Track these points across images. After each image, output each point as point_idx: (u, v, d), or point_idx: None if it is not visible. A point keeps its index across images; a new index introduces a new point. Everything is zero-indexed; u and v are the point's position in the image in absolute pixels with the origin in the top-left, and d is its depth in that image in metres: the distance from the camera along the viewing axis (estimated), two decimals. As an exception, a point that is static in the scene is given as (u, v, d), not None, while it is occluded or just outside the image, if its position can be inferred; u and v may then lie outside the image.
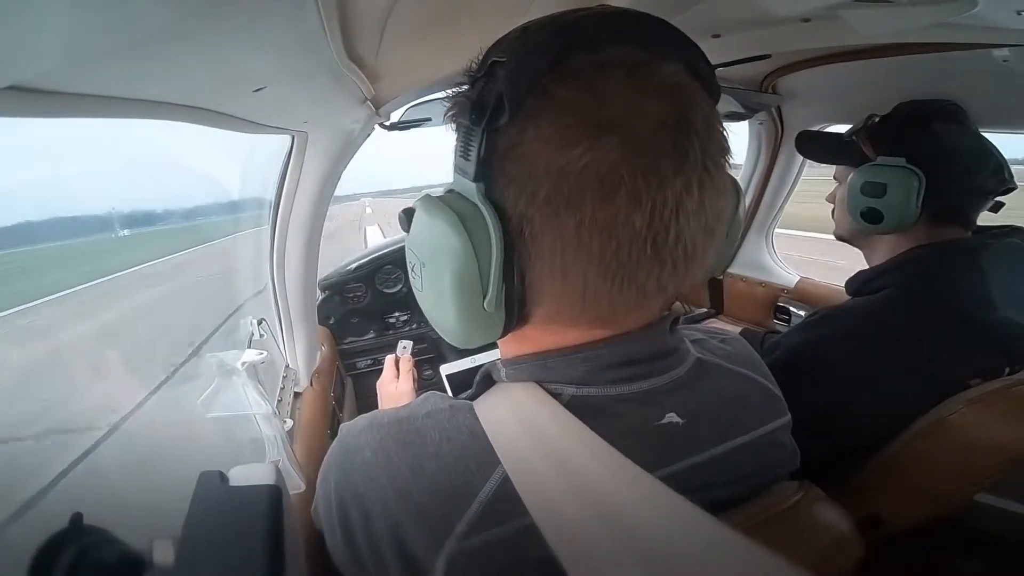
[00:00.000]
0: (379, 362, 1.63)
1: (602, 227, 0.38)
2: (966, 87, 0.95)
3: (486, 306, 0.42)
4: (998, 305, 0.81)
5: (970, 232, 0.92)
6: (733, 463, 0.49)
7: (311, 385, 1.18)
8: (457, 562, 0.40)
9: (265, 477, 0.33)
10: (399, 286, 1.72)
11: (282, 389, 1.07)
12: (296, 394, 1.13)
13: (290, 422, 0.98)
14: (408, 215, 0.48)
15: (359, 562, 0.45)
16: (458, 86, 0.44)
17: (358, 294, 1.69)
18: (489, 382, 0.51)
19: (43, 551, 0.24)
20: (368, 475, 0.45)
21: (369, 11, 0.57)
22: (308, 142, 0.92)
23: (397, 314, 1.75)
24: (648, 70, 0.39)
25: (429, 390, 0.54)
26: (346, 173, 1.05)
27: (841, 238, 1.05)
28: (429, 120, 1.07)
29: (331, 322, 1.66)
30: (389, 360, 0.96)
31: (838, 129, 1.08)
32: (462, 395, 0.52)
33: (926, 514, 0.79)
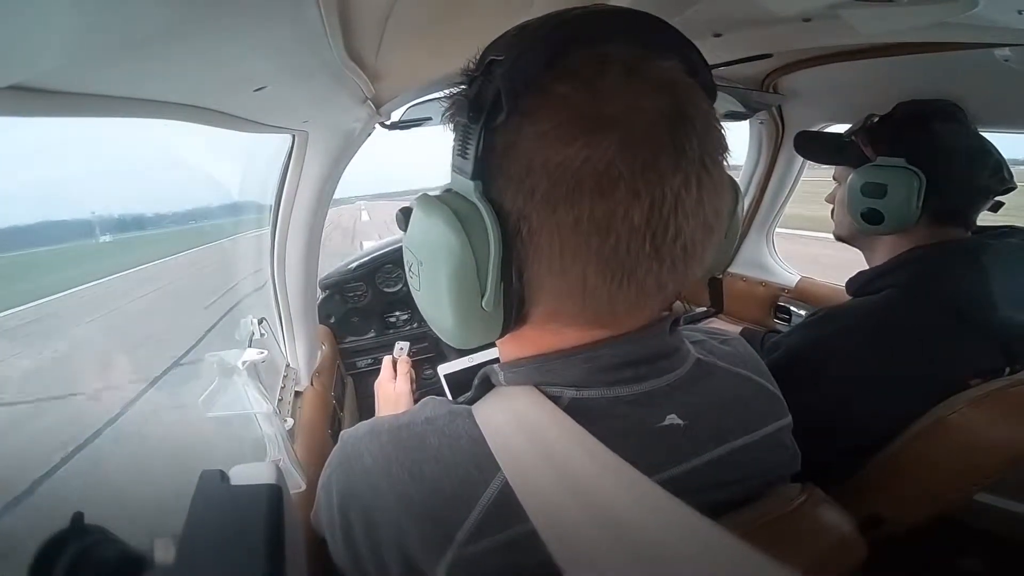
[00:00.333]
0: (379, 361, 1.63)
1: (600, 224, 0.38)
2: (967, 87, 0.94)
3: (484, 305, 0.41)
4: (998, 305, 0.81)
5: (970, 232, 0.92)
6: (734, 465, 0.49)
7: (311, 384, 1.18)
8: (458, 569, 0.40)
9: (266, 476, 0.33)
10: (399, 285, 1.72)
11: (283, 388, 1.07)
12: (297, 393, 1.13)
13: (291, 421, 0.99)
14: (406, 214, 0.48)
15: (361, 567, 0.45)
16: (457, 85, 0.44)
17: (359, 293, 1.69)
18: (488, 386, 0.50)
19: (44, 550, 0.24)
20: (369, 482, 0.44)
21: (370, 10, 0.57)
22: (309, 141, 0.92)
23: (397, 313, 1.75)
24: (645, 67, 0.39)
25: (428, 390, 0.53)
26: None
27: (841, 238, 1.05)
28: (430, 119, 1.06)
29: (332, 321, 1.66)
30: (387, 361, 0.96)
31: (839, 129, 1.08)
32: (460, 398, 0.51)
33: (927, 514, 0.78)
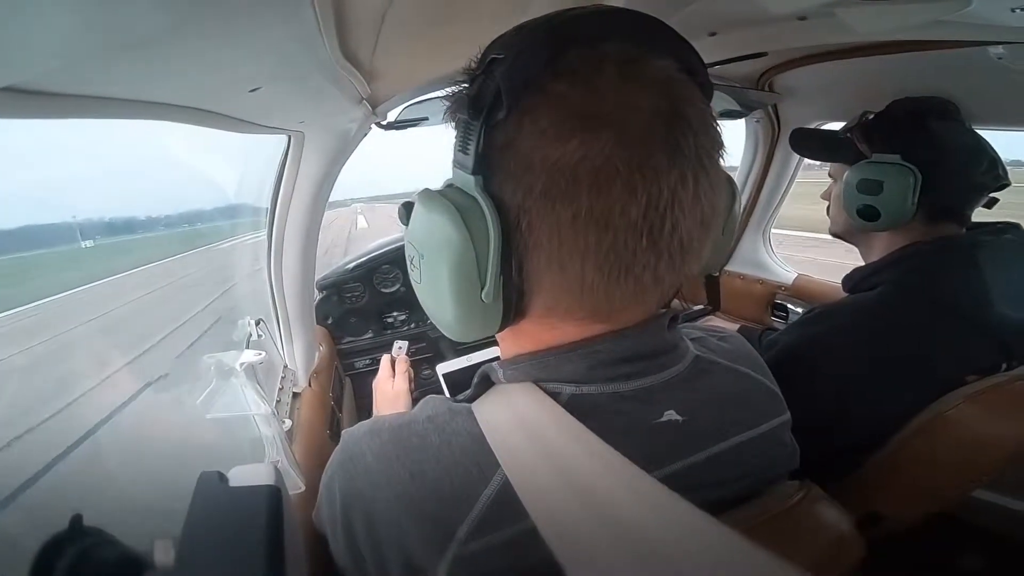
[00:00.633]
0: (377, 362, 1.63)
1: (598, 219, 0.38)
2: (961, 84, 0.95)
3: (484, 298, 0.42)
4: (994, 301, 0.81)
5: (965, 228, 0.92)
6: (732, 461, 0.49)
7: (309, 385, 1.18)
8: (459, 566, 0.40)
9: (264, 477, 0.34)
10: (397, 285, 1.72)
11: (280, 390, 1.07)
12: (295, 394, 1.13)
13: (289, 422, 0.98)
14: (408, 208, 0.48)
15: (361, 566, 0.45)
16: (456, 84, 0.45)
17: (356, 294, 1.69)
18: (487, 383, 0.51)
19: (43, 552, 0.24)
20: (370, 481, 0.45)
21: (365, 11, 0.57)
22: (304, 142, 0.92)
23: (395, 314, 1.75)
24: (642, 66, 0.39)
25: (426, 389, 0.54)
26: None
27: (837, 235, 1.05)
28: (426, 119, 1.06)
29: (329, 322, 1.66)
30: (385, 359, 0.96)
31: (834, 126, 1.08)
32: (460, 396, 0.52)
33: (925, 511, 0.79)
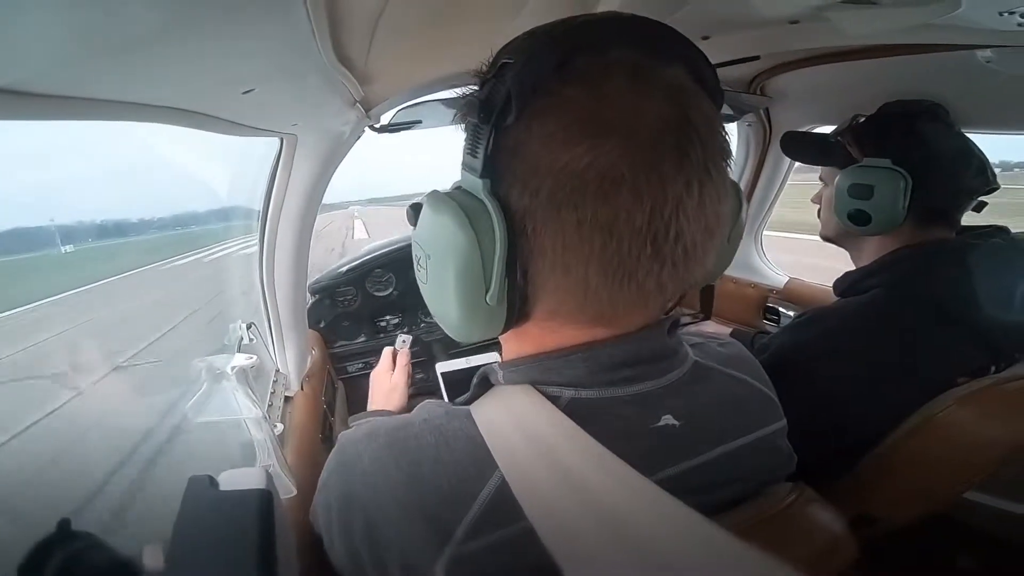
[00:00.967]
0: (370, 365, 1.62)
1: (603, 225, 0.39)
2: (950, 88, 0.96)
3: (488, 300, 0.42)
4: (983, 305, 0.81)
5: (955, 232, 0.93)
6: (729, 466, 0.49)
7: (302, 389, 1.17)
8: (456, 567, 0.40)
9: (256, 482, 0.33)
10: (390, 289, 1.71)
11: (272, 394, 1.06)
12: (287, 398, 1.12)
13: (281, 426, 0.98)
14: (416, 209, 0.49)
15: (359, 568, 0.45)
16: (453, 88, 0.45)
17: (349, 297, 1.68)
18: (486, 385, 0.51)
19: (31, 557, 0.23)
20: (367, 483, 0.45)
21: (359, 13, 0.57)
22: (297, 145, 0.92)
23: (388, 317, 1.74)
24: (651, 72, 0.40)
25: (420, 391, 0.54)
26: (334, 180, 1.05)
27: (827, 239, 1.06)
28: (420, 122, 1.06)
29: (322, 326, 1.65)
30: (386, 352, 0.95)
31: (827, 130, 1.09)
32: (459, 399, 0.52)
33: (918, 512, 0.79)
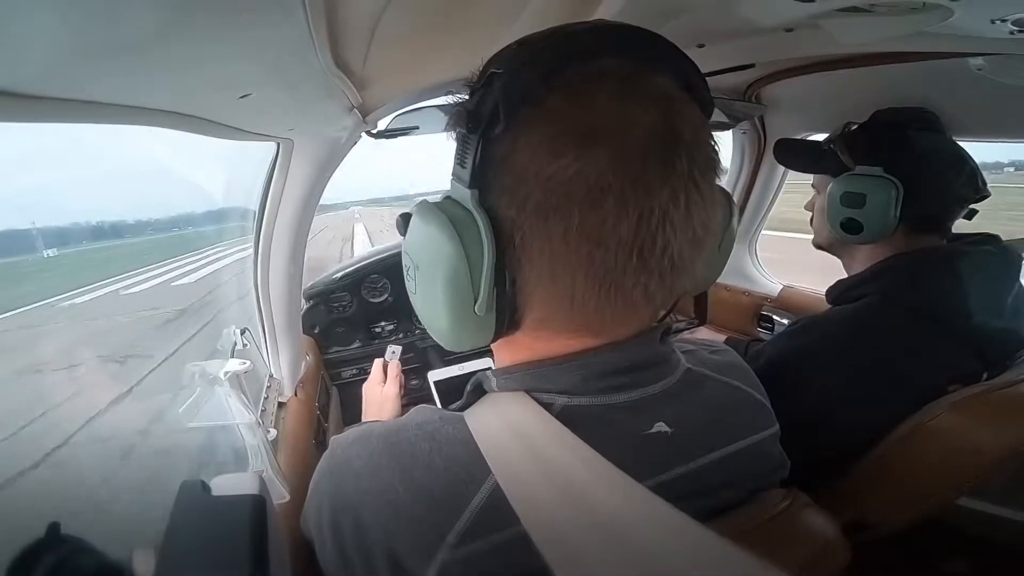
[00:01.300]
0: (365, 372, 1.61)
1: (590, 235, 0.39)
2: (942, 96, 0.97)
3: (477, 310, 0.42)
4: (975, 312, 0.82)
5: (946, 240, 0.94)
6: (721, 472, 0.49)
7: (295, 395, 1.16)
8: (448, 571, 0.39)
9: (249, 487, 0.33)
10: (385, 295, 1.71)
11: (266, 399, 1.05)
12: (280, 404, 1.11)
13: (274, 432, 0.97)
14: (405, 219, 0.49)
15: (350, 572, 0.44)
16: (450, 94, 0.45)
17: (343, 303, 1.68)
18: (480, 392, 0.51)
19: (19, 561, 0.23)
20: (359, 487, 0.45)
21: (357, 18, 0.57)
22: (294, 150, 0.92)
23: (383, 323, 1.74)
24: (638, 81, 0.40)
25: (415, 398, 0.54)
26: (335, 181, 1.05)
27: (820, 247, 1.07)
28: (416, 128, 1.06)
29: (316, 331, 1.64)
30: (377, 364, 0.96)
31: (820, 138, 1.10)
32: (452, 405, 0.52)
33: (910, 518, 0.79)
